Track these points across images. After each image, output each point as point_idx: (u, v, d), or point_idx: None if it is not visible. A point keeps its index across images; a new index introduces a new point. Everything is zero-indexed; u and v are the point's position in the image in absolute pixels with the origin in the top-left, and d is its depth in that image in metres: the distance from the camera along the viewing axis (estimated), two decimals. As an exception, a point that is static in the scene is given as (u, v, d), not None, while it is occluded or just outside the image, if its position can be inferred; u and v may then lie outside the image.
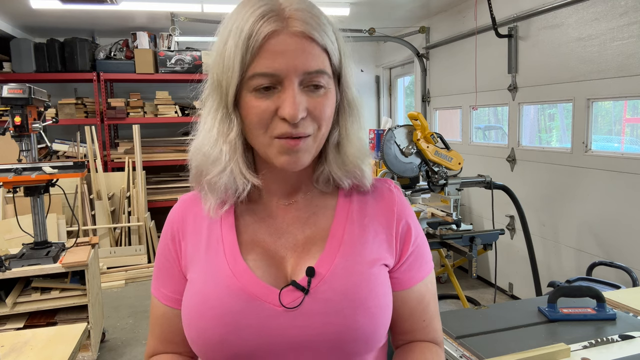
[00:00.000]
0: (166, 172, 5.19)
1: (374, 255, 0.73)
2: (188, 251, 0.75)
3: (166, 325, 0.78)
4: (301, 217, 0.75)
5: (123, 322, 3.39)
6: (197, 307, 0.69)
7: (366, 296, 0.69)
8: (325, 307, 0.67)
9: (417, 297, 0.78)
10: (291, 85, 0.64)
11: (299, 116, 0.64)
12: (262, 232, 0.74)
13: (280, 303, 0.67)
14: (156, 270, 0.80)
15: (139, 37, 4.84)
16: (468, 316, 1.40)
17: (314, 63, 0.65)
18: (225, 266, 0.70)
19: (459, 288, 3.09)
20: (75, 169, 2.62)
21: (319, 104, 0.67)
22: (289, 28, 0.64)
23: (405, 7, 4.26)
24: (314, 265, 0.70)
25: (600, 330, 1.26)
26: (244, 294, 0.68)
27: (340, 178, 0.75)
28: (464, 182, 2.87)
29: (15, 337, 1.42)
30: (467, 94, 4.06)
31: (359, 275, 0.70)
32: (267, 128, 0.66)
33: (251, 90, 0.66)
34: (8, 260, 2.50)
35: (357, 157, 0.74)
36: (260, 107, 0.65)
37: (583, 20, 2.87)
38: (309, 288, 0.68)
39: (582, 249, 3.00)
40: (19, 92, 2.54)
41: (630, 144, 3.08)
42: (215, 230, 0.74)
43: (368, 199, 0.78)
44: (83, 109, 4.84)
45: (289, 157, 0.67)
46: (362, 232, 0.74)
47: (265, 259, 0.72)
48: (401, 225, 0.77)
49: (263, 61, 0.64)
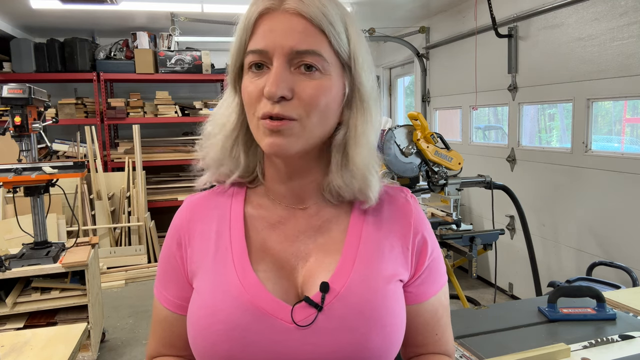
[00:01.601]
0: (166, 172, 5.19)
1: (390, 270, 0.70)
2: (194, 257, 0.72)
3: (168, 330, 0.76)
4: (313, 224, 0.72)
5: (123, 322, 3.39)
6: (205, 319, 0.66)
7: (382, 314, 0.66)
8: (339, 325, 0.64)
9: (430, 310, 0.75)
10: (277, 63, 0.62)
11: (277, 93, 0.61)
12: (272, 239, 0.71)
13: (292, 320, 0.64)
14: (160, 273, 0.77)
15: (139, 37, 4.84)
16: (468, 316, 1.40)
17: (305, 42, 0.62)
18: (234, 277, 0.67)
19: (459, 288, 3.09)
20: (75, 169, 2.62)
21: (309, 87, 0.63)
22: (282, 6, 0.63)
23: (405, 7, 4.26)
24: (328, 280, 0.66)
25: (600, 330, 1.26)
26: (253, 309, 0.65)
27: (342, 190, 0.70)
28: (464, 182, 2.87)
29: (15, 337, 1.42)
30: (467, 94, 4.06)
31: (375, 292, 0.67)
32: (255, 109, 0.65)
33: (247, 70, 0.66)
34: (8, 260, 2.50)
35: (363, 163, 0.69)
36: (250, 85, 0.65)
37: (583, 20, 2.87)
38: (323, 305, 0.65)
39: (582, 249, 3.00)
40: (19, 92, 2.54)
41: (630, 144, 3.08)
42: (224, 236, 0.71)
43: (384, 208, 0.74)
44: (83, 109, 4.84)
45: (271, 140, 0.63)
46: (378, 246, 0.71)
47: (275, 269, 0.69)
48: (417, 239, 0.73)
49: (254, 39, 0.64)
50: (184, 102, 5.13)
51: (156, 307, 0.77)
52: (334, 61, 0.65)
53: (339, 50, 0.65)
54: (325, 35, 0.64)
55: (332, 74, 0.65)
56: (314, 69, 0.63)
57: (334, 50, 0.65)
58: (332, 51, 0.65)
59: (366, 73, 0.69)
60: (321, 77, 0.64)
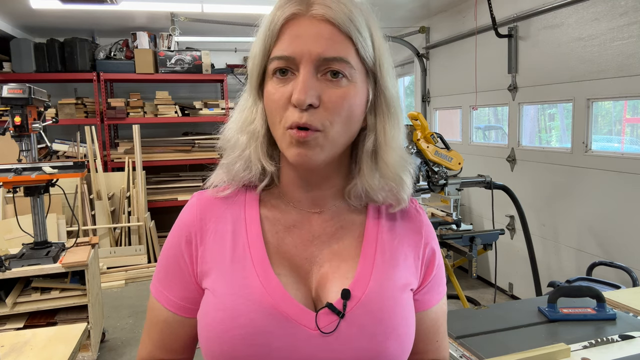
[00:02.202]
0: (166, 172, 5.19)
1: (404, 280, 0.71)
2: (207, 257, 0.69)
3: (167, 332, 0.73)
4: (328, 229, 0.71)
5: (123, 322, 3.39)
6: (225, 323, 0.64)
7: (399, 323, 0.67)
8: (358, 332, 0.64)
9: (432, 318, 0.76)
10: (304, 70, 0.61)
11: (307, 101, 0.60)
12: (287, 243, 0.70)
13: (316, 326, 0.64)
14: (162, 272, 0.73)
15: (139, 37, 4.84)
16: (468, 316, 1.40)
17: (332, 49, 0.62)
18: (256, 280, 0.65)
19: (459, 288, 3.09)
20: (75, 169, 2.62)
21: (336, 95, 0.62)
22: (310, 12, 0.62)
23: (405, 7, 4.26)
24: (348, 287, 0.66)
25: (600, 330, 1.26)
26: (278, 314, 0.63)
27: (375, 192, 0.70)
28: (464, 182, 2.87)
29: (15, 337, 1.42)
30: (467, 94, 4.06)
31: (393, 301, 0.68)
32: (281, 117, 0.64)
33: (271, 76, 0.64)
34: (8, 260, 2.50)
35: (397, 166, 0.69)
36: (276, 93, 0.63)
37: (583, 20, 2.87)
38: (345, 312, 0.65)
39: (582, 249, 3.00)
40: (19, 92, 2.54)
41: (630, 144, 3.08)
42: (240, 238, 0.69)
43: (397, 218, 0.75)
44: (83, 109, 4.84)
45: (298, 150, 0.63)
46: (393, 254, 0.71)
47: (292, 274, 0.68)
48: (427, 250, 0.75)
49: (280, 44, 0.63)
50: (184, 102, 5.12)
51: (154, 308, 0.73)
52: (359, 67, 0.65)
53: (365, 56, 0.65)
54: (352, 42, 0.63)
55: (357, 81, 0.65)
56: (340, 76, 0.63)
57: (360, 56, 0.64)
58: (358, 58, 0.64)
59: (390, 77, 0.69)
60: (347, 85, 0.63)
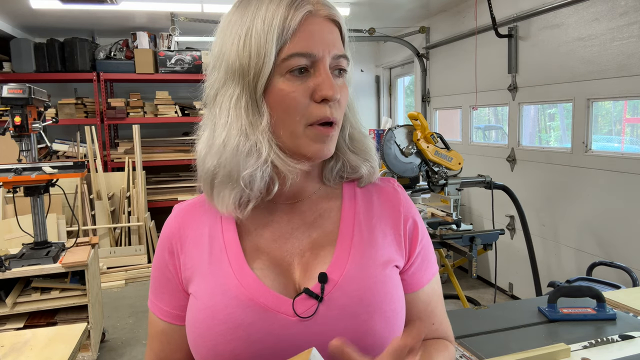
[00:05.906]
0: (166, 172, 5.19)
1: (385, 257, 0.71)
2: (188, 264, 0.71)
3: (166, 342, 0.74)
4: (306, 220, 0.72)
5: (123, 322, 3.39)
6: (205, 322, 0.66)
7: (382, 300, 0.67)
8: (340, 314, 0.65)
9: (424, 299, 0.76)
10: (325, 66, 0.64)
11: (336, 96, 0.63)
12: (265, 238, 0.71)
13: (294, 312, 0.65)
14: (153, 285, 0.75)
15: (139, 37, 4.84)
16: (468, 316, 1.41)
17: (341, 47, 0.66)
18: (232, 276, 0.67)
19: (459, 288, 3.09)
20: (75, 169, 2.62)
21: (345, 90, 0.67)
22: (318, 11, 0.65)
23: (405, 7, 4.26)
24: (326, 271, 0.67)
25: (600, 330, 1.26)
26: (255, 305, 0.65)
27: (357, 165, 0.74)
28: (464, 182, 2.88)
29: (15, 337, 1.42)
30: (467, 94, 4.06)
31: (373, 279, 0.68)
32: (302, 115, 0.63)
33: (284, 73, 0.63)
34: (8, 260, 2.50)
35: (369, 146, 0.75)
36: (297, 90, 0.63)
37: (583, 20, 2.86)
38: (323, 295, 0.66)
39: (582, 249, 3.00)
40: (19, 92, 2.54)
41: (630, 144, 3.08)
42: (217, 239, 0.71)
43: (373, 199, 0.76)
44: (83, 109, 4.84)
45: (321, 146, 0.65)
46: (370, 234, 0.72)
47: (272, 266, 0.69)
48: (408, 225, 0.75)
49: (299, 41, 0.62)
50: (184, 102, 5.12)
51: (152, 321, 0.76)
52: None
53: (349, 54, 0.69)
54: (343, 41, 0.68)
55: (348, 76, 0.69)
56: (343, 72, 0.67)
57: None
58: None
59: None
60: (347, 81, 0.68)
